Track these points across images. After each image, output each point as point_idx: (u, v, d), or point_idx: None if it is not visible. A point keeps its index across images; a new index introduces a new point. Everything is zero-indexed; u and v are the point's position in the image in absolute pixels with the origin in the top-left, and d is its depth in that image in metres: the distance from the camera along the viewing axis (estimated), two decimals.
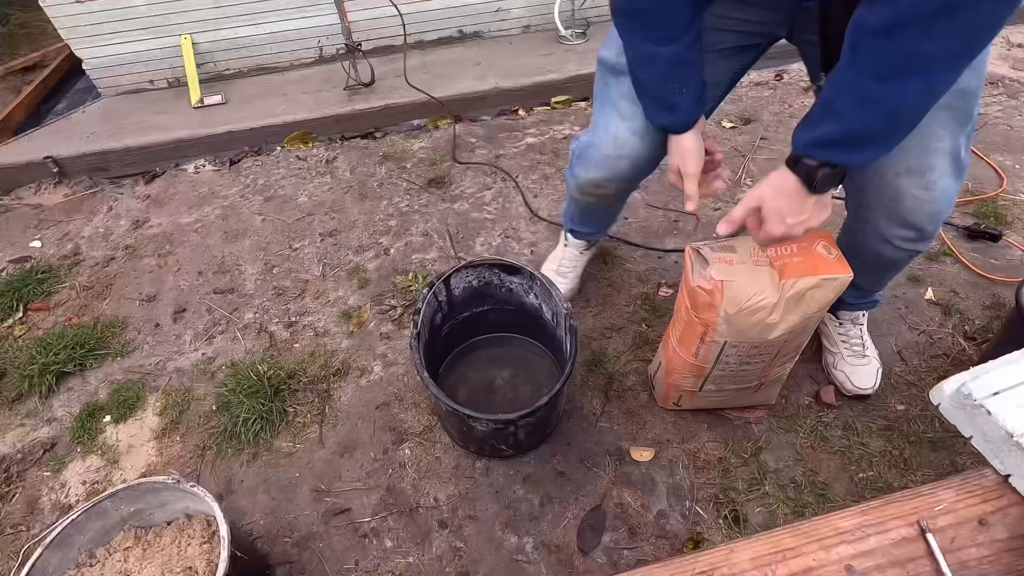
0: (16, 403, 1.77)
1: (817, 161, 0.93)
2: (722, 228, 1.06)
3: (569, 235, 1.81)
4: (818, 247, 1.15)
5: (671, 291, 1.88)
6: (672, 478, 1.46)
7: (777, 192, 0.99)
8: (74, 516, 1.18)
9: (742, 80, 3.03)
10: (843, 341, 1.59)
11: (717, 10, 1.10)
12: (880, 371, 1.56)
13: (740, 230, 1.08)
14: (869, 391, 1.53)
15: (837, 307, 1.59)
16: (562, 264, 1.84)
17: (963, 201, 2.11)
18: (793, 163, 0.96)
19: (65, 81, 3.54)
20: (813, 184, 0.95)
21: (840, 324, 1.60)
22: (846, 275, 1.12)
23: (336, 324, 1.90)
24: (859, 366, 1.55)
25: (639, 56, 1.08)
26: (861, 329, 1.59)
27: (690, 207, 1.13)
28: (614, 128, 1.23)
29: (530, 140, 2.64)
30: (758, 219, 1.04)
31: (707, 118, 1.19)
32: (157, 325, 1.97)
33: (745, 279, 1.13)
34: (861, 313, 1.59)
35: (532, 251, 2.10)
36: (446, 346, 1.69)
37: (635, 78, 1.12)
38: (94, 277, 2.17)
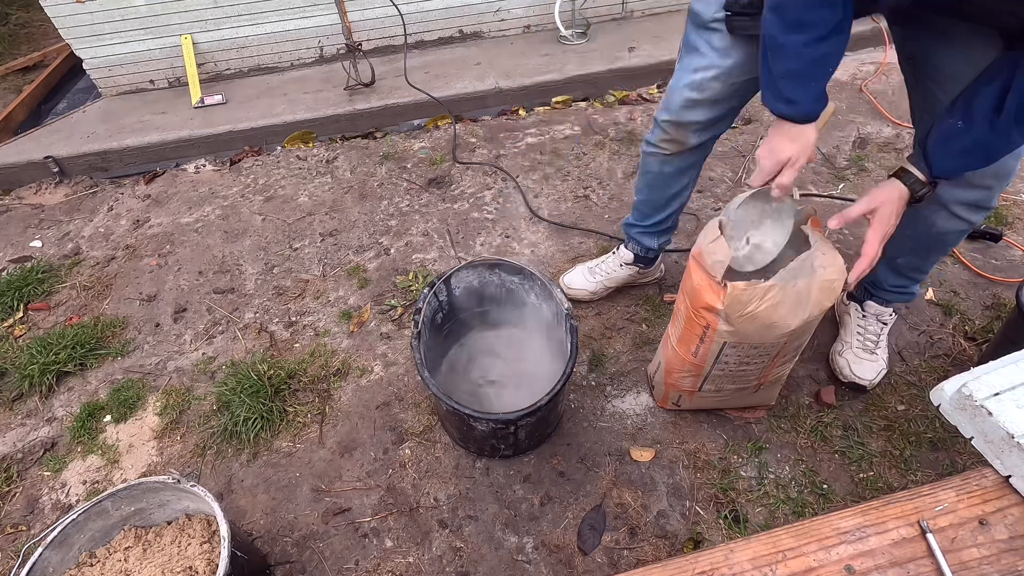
0: (16, 403, 1.77)
1: (928, 179, 1.09)
2: (833, 223, 1.15)
3: (621, 246, 1.80)
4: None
5: (675, 296, 1.88)
6: (672, 478, 1.46)
7: (893, 199, 1.12)
8: (74, 516, 1.18)
9: None
10: (859, 333, 1.58)
11: None
12: (883, 372, 1.56)
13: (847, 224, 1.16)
14: (866, 383, 1.53)
15: (871, 294, 1.58)
16: (598, 267, 1.84)
17: None
18: (901, 175, 1.11)
19: (65, 81, 3.55)
20: (916, 197, 1.11)
21: (863, 317, 1.59)
22: (841, 277, 1.13)
23: (336, 324, 1.90)
24: (864, 359, 1.55)
25: (784, 51, 1.05)
26: (883, 328, 1.58)
27: (777, 192, 1.17)
28: (694, 70, 1.30)
29: (530, 140, 2.64)
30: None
31: None
32: (157, 325, 1.97)
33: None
34: (890, 312, 1.58)
35: (532, 251, 2.10)
36: (447, 346, 1.69)
37: (770, 65, 1.09)
38: (94, 277, 2.17)
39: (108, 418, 1.71)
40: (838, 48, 1.04)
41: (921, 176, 1.10)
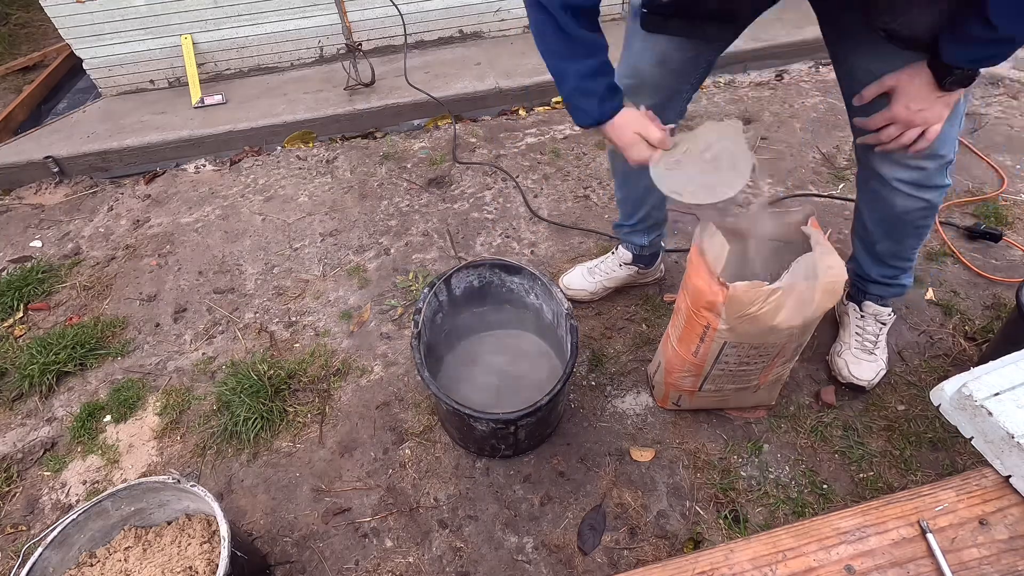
0: (16, 403, 1.77)
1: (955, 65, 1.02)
2: (856, 100, 1.15)
3: (620, 246, 1.80)
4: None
5: (675, 296, 1.89)
6: (672, 478, 1.46)
7: (910, 78, 1.07)
8: (74, 516, 1.18)
9: (743, 80, 3.02)
10: (857, 334, 1.59)
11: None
12: (883, 373, 1.56)
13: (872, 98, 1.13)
14: (865, 383, 1.53)
15: (864, 292, 1.59)
16: (597, 267, 1.84)
17: (963, 201, 2.11)
18: (930, 62, 1.04)
19: (65, 81, 3.55)
20: (943, 82, 1.04)
21: (862, 317, 1.59)
22: (843, 278, 1.13)
23: (336, 324, 1.90)
24: (863, 360, 1.56)
25: (555, 71, 1.15)
26: (881, 329, 1.58)
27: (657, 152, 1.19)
28: (630, 55, 1.34)
29: (530, 140, 2.64)
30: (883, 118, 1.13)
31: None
32: (157, 325, 1.97)
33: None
34: (888, 312, 1.58)
35: (532, 251, 2.10)
36: (447, 346, 1.69)
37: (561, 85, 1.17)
38: (94, 277, 2.17)
39: (108, 418, 1.71)
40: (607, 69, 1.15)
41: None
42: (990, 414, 0.65)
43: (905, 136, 1.12)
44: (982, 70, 1.08)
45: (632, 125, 1.18)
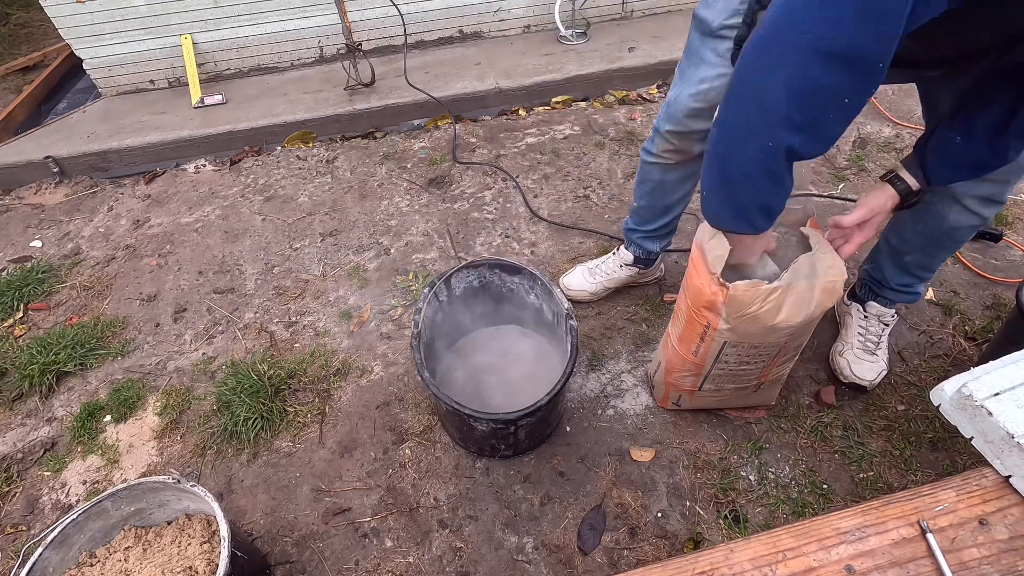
0: (16, 403, 1.77)
1: (922, 187, 1.12)
2: (834, 232, 1.20)
3: (622, 247, 1.80)
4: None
5: (675, 296, 1.88)
6: (672, 478, 1.46)
7: (886, 208, 1.16)
8: (74, 516, 1.18)
9: None
10: (859, 334, 1.58)
11: None
12: (884, 373, 1.56)
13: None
14: (866, 384, 1.52)
15: (876, 294, 1.57)
16: (598, 267, 1.84)
17: None
18: (894, 181, 1.15)
19: (65, 81, 3.54)
20: (906, 204, 1.15)
21: (865, 317, 1.58)
22: (842, 278, 1.13)
23: (336, 324, 1.90)
24: (865, 360, 1.55)
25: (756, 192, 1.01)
26: (884, 329, 1.57)
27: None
28: (700, 80, 1.27)
29: (530, 140, 2.64)
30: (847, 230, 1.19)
31: None
32: (157, 325, 1.97)
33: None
34: (891, 313, 1.57)
35: (532, 251, 2.10)
36: (447, 346, 1.69)
37: (734, 194, 1.03)
38: (94, 277, 2.17)
39: (108, 418, 1.71)
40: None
41: (913, 184, 1.14)
42: (990, 414, 0.65)
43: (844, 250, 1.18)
44: None
45: (762, 243, 1.15)
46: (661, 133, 1.42)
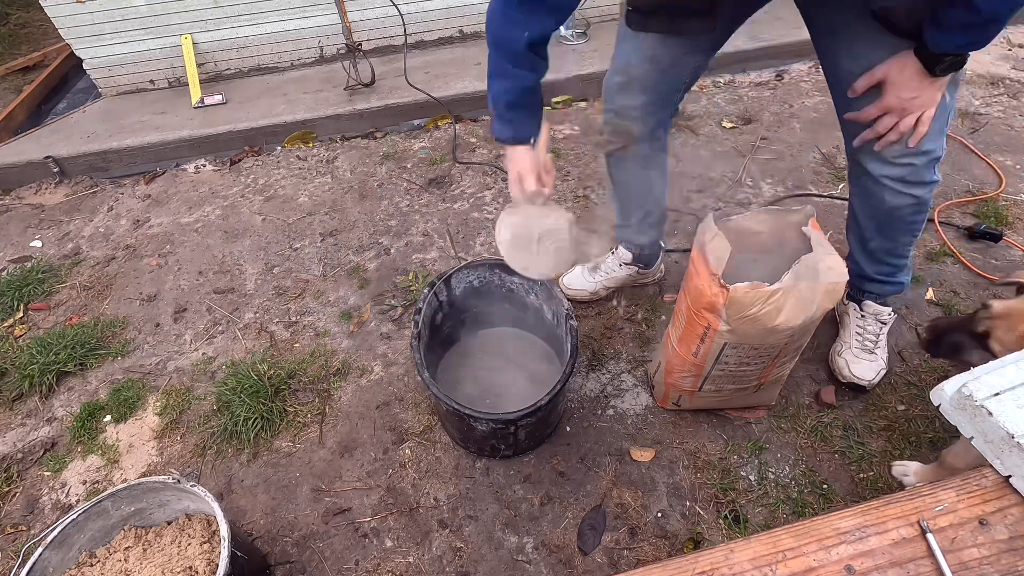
0: (16, 403, 1.77)
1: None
2: (850, 92, 1.17)
3: (620, 246, 1.81)
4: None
5: (675, 296, 1.88)
6: (672, 478, 1.46)
7: (900, 68, 1.08)
8: (74, 516, 1.18)
9: (742, 80, 3.02)
10: (858, 334, 1.59)
11: None
12: (883, 372, 1.56)
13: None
14: (865, 383, 1.53)
15: (863, 291, 1.59)
16: (598, 266, 1.84)
17: (963, 201, 2.11)
18: (917, 51, 1.05)
19: (65, 81, 3.55)
20: (934, 70, 1.06)
21: (862, 317, 1.59)
22: (843, 279, 1.13)
23: (336, 324, 1.90)
24: (863, 359, 1.56)
25: (496, 71, 1.21)
26: (882, 328, 1.58)
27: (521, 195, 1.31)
28: (623, 53, 1.36)
29: None
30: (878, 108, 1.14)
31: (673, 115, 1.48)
32: (157, 325, 1.97)
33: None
34: (888, 311, 1.58)
35: None
36: (446, 346, 1.69)
37: (491, 90, 1.24)
38: (94, 277, 2.17)
39: (108, 418, 1.71)
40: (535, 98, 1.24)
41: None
42: (990, 414, 0.65)
43: (902, 124, 1.13)
44: (975, 55, 1.10)
45: (519, 164, 1.27)
46: (604, 120, 1.47)
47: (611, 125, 1.46)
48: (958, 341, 1.16)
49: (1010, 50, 2.94)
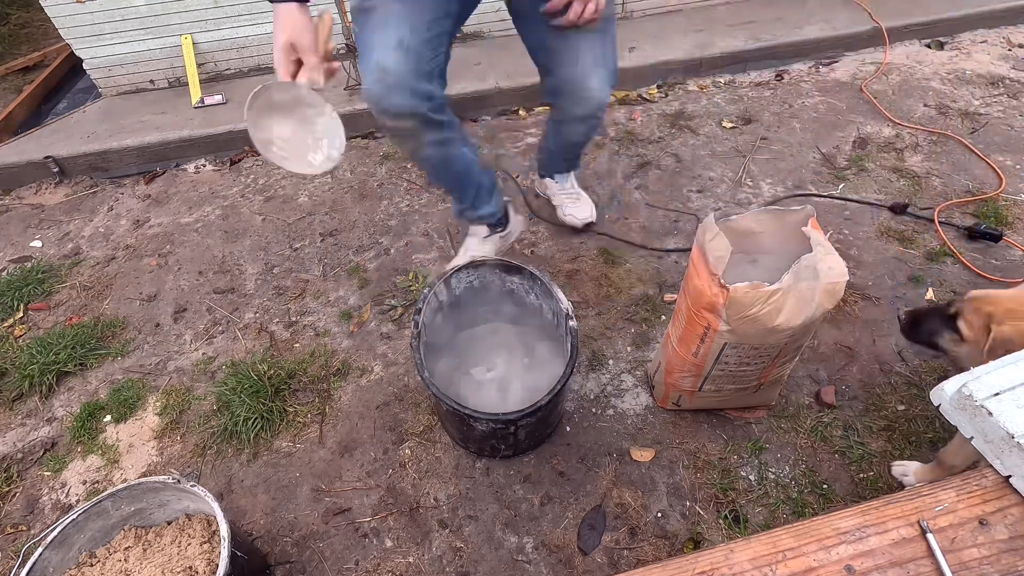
0: (16, 403, 1.77)
1: None
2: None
3: (471, 227, 1.88)
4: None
5: (675, 296, 1.88)
6: (672, 478, 1.46)
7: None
8: (74, 516, 1.18)
9: (742, 80, 3.02)
10: (564, 194, 2.08)
11: None
12: (594, 207, 2.07)
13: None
14: (591, 218, 2.05)
15: (555, 174, 2.07)
16: (467, 254, 1.86)
17: (963, 201, 2.11)
18: None
19: (65, 81, 3.54)
20: None
21: (559, 184, 2.07)
22: (844, 279, 1.14)
23: (336, 324, 1.90)
24: (579, 206, 2.06)
25: None
26: (573, 183, 2.09)
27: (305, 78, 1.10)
28: (375, 57, 1.29)
29: (530, 140, 2.64)
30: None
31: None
32: (157, 325, 1.97)
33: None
34: (572, 173, 2.09)
35: (532, 251, 2.10)
36: (447, 346, 1.69)
37: None
38: (94, 277, 2.17)
39: (108, 418, 1.71)
40: None
41: None
42: (990, 414, 0.65)
43: (587, 10, 1.33)
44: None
45: (292, 32, 1.05)
46: (382, 127, 1.44)
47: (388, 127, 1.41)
48: (933, 326, 1.23)
49: (1010, 50, 2.94)
